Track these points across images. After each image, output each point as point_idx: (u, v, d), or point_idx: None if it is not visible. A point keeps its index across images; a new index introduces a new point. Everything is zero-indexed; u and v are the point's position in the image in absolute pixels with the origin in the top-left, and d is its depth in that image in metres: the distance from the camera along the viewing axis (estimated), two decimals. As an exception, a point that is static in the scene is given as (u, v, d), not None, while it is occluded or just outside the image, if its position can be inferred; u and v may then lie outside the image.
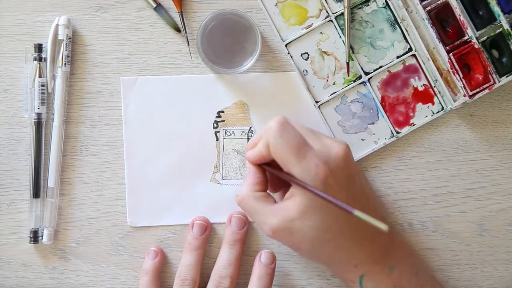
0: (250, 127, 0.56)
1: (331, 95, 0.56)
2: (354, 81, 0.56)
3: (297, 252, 0.50)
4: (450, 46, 0.54)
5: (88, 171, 0.56)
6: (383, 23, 0.55)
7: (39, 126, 0.55)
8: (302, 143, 0.46)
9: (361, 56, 0.55)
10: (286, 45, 0.55)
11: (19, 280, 0.56)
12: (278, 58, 0.56)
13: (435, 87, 0.55)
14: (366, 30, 0.55)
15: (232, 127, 0.56)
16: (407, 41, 0.55)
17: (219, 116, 0.56)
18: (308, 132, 0.49)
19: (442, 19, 0.54)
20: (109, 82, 0.56)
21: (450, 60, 0.54)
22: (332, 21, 0.55)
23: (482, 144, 0.56)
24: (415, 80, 0.56)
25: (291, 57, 0.55)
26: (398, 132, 0.56)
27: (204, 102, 0.56)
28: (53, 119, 0.55)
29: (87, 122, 0.56)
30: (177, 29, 0.55)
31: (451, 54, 0.54)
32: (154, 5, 0.55)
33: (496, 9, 0.53)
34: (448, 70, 0.54)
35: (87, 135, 0.56)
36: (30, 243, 0.55)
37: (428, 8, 0.53)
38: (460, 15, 0.53)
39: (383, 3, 0.55)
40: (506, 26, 0.53)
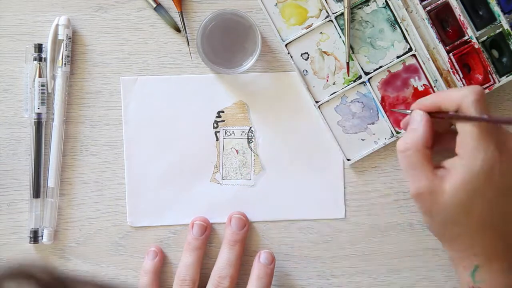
0: (250, 127, 0.56)
1: (331, 95, 0.56)
2: (354, 81, 0.56)
3: (426, 219, 0.49)
4: (450, 46, 0.54)
5: (88, 171, 0.56)
6: (383, 23, 0.55)
7: (39, 126, 0.55)
8: (490, 125, 0.46)
9: (361, 56, 0.55)
10: (286, 45, 0.55)
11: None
12: (278, 58, 0.56)
13: (435, 87, 0.55)
14: (366, 30, 0.55)
15: (232, 127, 0.56)
16: (407, 41, 0.55)
17: (219, 116, 0.56)
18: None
19: (442, 19, 0.54)
20: (109, 82, 0.56)
21: (450, 60, 0.54)
22: (332, 21, 0.55)
23: (482, 144, 0.56)
24: (415, 80, 0.56)
25: (291, 57, 0.55)
26: (398, 132, 0.56)
27: (204, 102, 0.56)
28: (53, 119, 0.55)
29: (87, 122, 0.56)
30: (177, 29, 0.55)
31: (451, 54, 0.53)
32: (154, 5, 0.55)
33: (496, 9, 0.53)
34: (448, 70, 0.54)
35: (87, 135, 0.56)
36: (30, 243, 0.55)
37: (428, 8, 0.53)
38: (460, 15, 0.53)
39: (383, 3, 0.55)
40: (506, 26, 0.53)
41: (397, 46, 0.55)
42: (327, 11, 0.55)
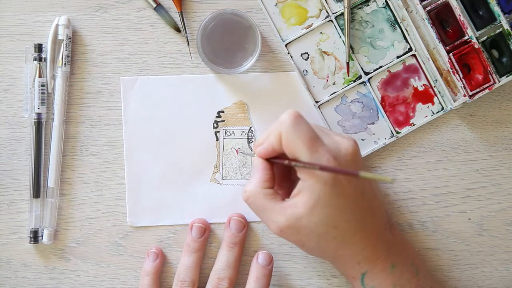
0: (250, 127, 0.56)
1: (331, 95, 0.56)
2: (354, 81, 0.56)
3: (302, 248, 0.49)
4: (450, 46, 0.54)
5: (88, 171, 0.56)
6: (383, 23, 0.55)
7: (39, 126, 0.55)
8: (314, 137, 0.46)
9: (361, 56, 0.55)
10: (286, 45, 0.55)
11: (19, 280, 0.56)
12: (278, 58, 0.56)
13: (435, 87, 0.55)
14: (366, 30, 0.55)
15: (232, 127, 0.56)
16: (407, 41, 0.55)
17: (219, 116, 0.56)
18: (318, 129, 0.49)
19: (442, 19, 0.54)
20: (109, 82, 0.56)
21: (450, 60, 0.54)
22: (332, 21, 0.55)
23: (482, 144, 0.56)
24: (415, 80, 0.56)
25: (291, 57, 0.55)
26: (398, 132, 0.56)
27: (204, 102, 0.56)
28: (53, 119, 0.55)
29: (87, 122, 0.56)
30: (177, 29, 0.55)
31: (451, 54, 0.54)
32: (154, 5, 0.55)
33: (496, 9, 0.53)
34: (448, 70, 0.54)
35: (87, 135, 0.56)
36: (30, 243, 0.55)
37: (428, 8, 0.53)
38: (460, 15, 0.53)
39: (383, 3, 0.55)
40: (506, 26, 0.53)
41: (397, 46, 0.55)
42: (327, 11, 0.55)
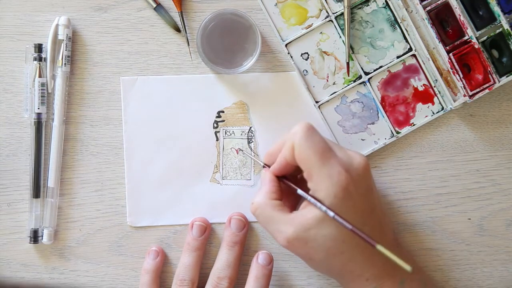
0: (250, 127, 0.56)
1: (331, 95, 0.56)
2: (354, 81, 0.56)
3: (308, 262, 0.49)
4: (450, 46, 0.54)
5: (88, 171, 0.56)
6: (383, 23, 0.55)
7: (39, 126, 0.55)
8: (327, 148, 0.47)
9: (361, 56, 0.55)
10: (286, 45, 0.55)
11: (19, 280, 0.56)
12: (278, 58, 0.56)
13: (435, 87, 0.55)
14: (366, 30, 0.55)
15: (232, 127, 0.56)
16: (407, 41, 0.55)
17: (219, 116, 0.56)
18: (331, 142, 0.49)
19: (442, 19, 0.54)
20: (109, 82, 0.56)
21: (450, 60, 0.54)
22: (332, 21, 0.55)
23: (482, 144, 0.56)
24: (415, 80, 0.56)
25: (291, 57, 0.55)
26: (398, 132, 0.56)
27: (204, 102, 0.56)
28: (53, 119, 0.55)
29: (87, 122, 0.56)
30: (177, 29, 0.55)
31: (451, 54, 0.54)
32: (154, 5, 0.55)
33: (496, 9, 0.53)
34: (448, 70, 0.54)
35: (87, 135, 0.56)
36: (30, 243, 0.55)
37: (428, 8, 0.53)
38: (460, 15, 0.53)
39: (383, 3, 0.55)
40: (506, 26, 0.53)
41: (397, 46, 0.55)
42: (327, 11, 0.55)
